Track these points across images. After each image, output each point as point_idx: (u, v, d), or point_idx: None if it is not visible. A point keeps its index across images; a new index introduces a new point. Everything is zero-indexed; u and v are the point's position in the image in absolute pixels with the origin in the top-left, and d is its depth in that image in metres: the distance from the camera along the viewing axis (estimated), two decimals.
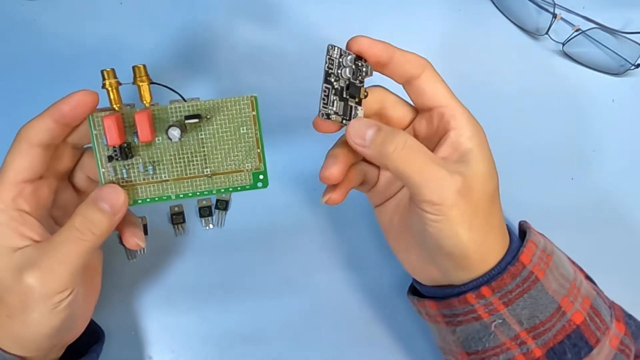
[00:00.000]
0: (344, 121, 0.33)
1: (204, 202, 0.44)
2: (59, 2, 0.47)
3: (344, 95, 0.33)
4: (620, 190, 0.46)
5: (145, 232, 0.44)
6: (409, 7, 0.48)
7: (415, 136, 0.36)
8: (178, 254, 0.44)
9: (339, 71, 0.33)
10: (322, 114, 0.32)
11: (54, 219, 0.36)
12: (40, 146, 0.32)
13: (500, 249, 0.34)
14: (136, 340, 0.42)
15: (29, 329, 0.31)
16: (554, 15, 0.47)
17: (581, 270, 0.37)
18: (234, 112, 0.33)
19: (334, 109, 0.33)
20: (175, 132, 0.31)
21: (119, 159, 0.32)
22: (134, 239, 0.35)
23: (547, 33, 0.48)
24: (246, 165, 0.34)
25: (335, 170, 0.34)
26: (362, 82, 0.34)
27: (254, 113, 0.33)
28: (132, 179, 0.33)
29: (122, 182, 0.33)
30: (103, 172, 0.33)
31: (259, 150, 0.34)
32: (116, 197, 0.32)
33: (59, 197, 0.36)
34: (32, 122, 0.32)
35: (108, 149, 0.33)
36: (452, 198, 0.31)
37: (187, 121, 0.32)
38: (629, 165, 0.47)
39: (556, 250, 0.36)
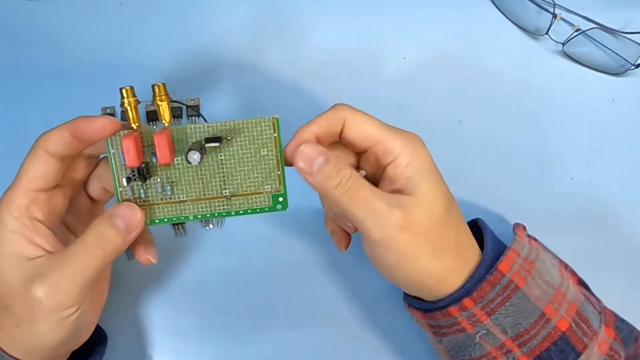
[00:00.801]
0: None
1: None
2: (59, 2, 0.47)
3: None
4: (620, 190, 0.46)
5: None
6: (408, 7, 0.48)
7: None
8: (178, 254, 0.44)
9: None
10: None
11: (67, 226, 0.35)
12: (56, 157, 0.32)
13: (461, 265, 0.34)
14: (136, 340, 0.42)
15: (34, 339, 0.31)
16: (554, 15, 0.47)
17: (573, 274, 0.37)
18: (255, 133, 0.33)
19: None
20: (195, 156, 0.30)
21: (137, 179, 0.32)
22: (146, 256, 0.35)
23: (547, 33, 0.48)
24: (266, 187, 0.34)
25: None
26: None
27: (275, 135, 0.33)
28: (150, 198, 0.33)
29: (140, 202, 0.33)
30: (120, 191, 0.33)
31: (279, 173, 0.33)
32: (132, 216, 0.32)
33: (73, 204, 0.35)
34: (50, 132, 0.31)
35: (126, 170, 0.32)
36: (392, 232, 0.31)
37: (207, 145, 0.31)
38: (629, 165, 0.47)
39: (542, 256, 0.36)
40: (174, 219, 0.33)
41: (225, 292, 0.44)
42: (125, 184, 0.32)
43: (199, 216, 0.33)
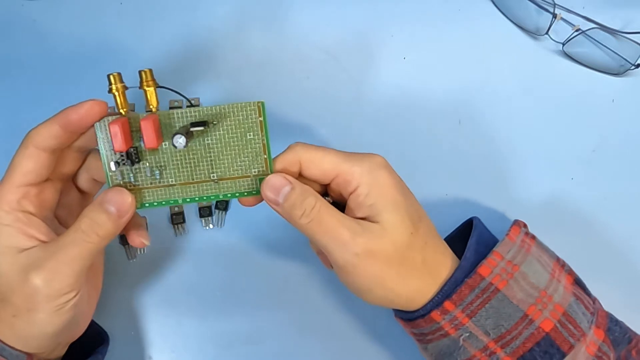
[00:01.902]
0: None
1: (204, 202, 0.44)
2: (59, 2, 0.47)
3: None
4: (620, 190, 0.46)
5: None
6: (408, 7, 0.48)
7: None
8: (178, 254, 0.44)
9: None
10: None
11: (58, 219, 0.36)
12: (46, 151, 0.32)
13: (430, 280, 0.34)
14: (136, 340, 0.42)
15: (34, 328, 0.32)
16: (554, 15, 0.47)
17: (570, 273, 0.37)
18: (241, 117, 0.33)
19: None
20: (180, 140, 0.31)
21: (126, 164, 0.32)
22: (139, 239, 0.35)
23: (547, 33, 0.48)
24: (252, 170, 0.34)
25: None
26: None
27: (261, 119, 0.33)
28: (140, 182, 0.34)
29: (130, 186, 0.33)
30: (110, 176, 0.33)
31: (265, 156, 0.34)
32: (122, 200, 0.32)
33: (63, 198, 0.36)
34: (39, 127, 0.32)
35: (115, 154, 0.33)
36: (356, 261, 0.32)
37: (192, 129, 0.32)
38: (629, 165, 0.47)
39: (533, 257, 0.36)
40: (164, 202, 0.34)
41: (226, 292, 0.44)
42: (113, 168, 0.33)
43: (188, 200, 0.34)
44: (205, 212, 0.44)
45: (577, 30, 0.47)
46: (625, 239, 0.46)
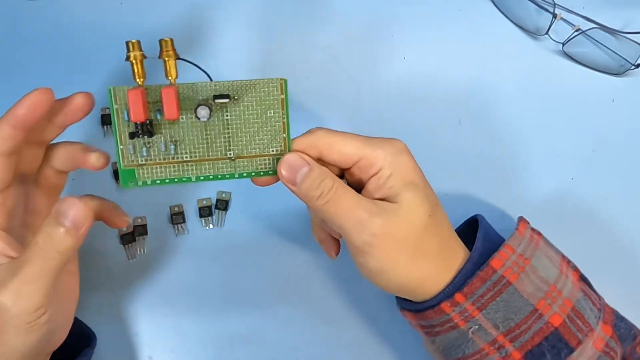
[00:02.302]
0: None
1: (204, 202, 0.44)
2: (59, 2, 0.47)
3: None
4: (620, 190, 0.46)
5: (145, 232, 0.44)
6: (408, 7, 0.48)
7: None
8: (178, 254, 0.44)
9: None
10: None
11: (27, 225, 0.35)
12: (2, 155, 0.31)
13: (442, 267, 0.34)
14: (136, 341, 0.42)
15: (6, 348, 0.30)
16: (554, 15, 0.47)
17: (575, 270, 0.37)
18: (262, 94, 0.32)
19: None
20: (204, 112, 0.30)
21: (141, 135, 0.31)
22: (120, 218, 0.34)
23: (547, 33, 0.48)
24: (271, 149, 0.33)
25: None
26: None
27: (283, 96, 0.33)
28: (152, 158, 0.32)
29: (142, 161, 0.32)
30: (122, 150, 0.32)
31: (284, 135, 0.33)
32: (77, 212, 0.30)
33: (29, 202, 0.34)
34: None
35: (129, 125, 0.31)
36: (372, 240, 0.32)
37: (216, 101, 0.31)
38: (629, 165, 0.47)
39: (541, 252, 0.36)
40: (176, 179, 0.33)
41: (225, 292, 0.44)
42: (128, 139, 0.31)
43: (202, 177, 0.33)
44: (205, 212, 0.44)
45: (577, 30, 0.47)
46: (625, 238, 0.46)
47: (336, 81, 0.47)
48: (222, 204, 0.44)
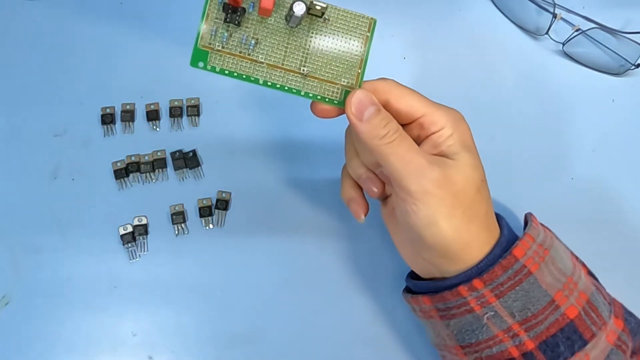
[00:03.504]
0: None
1: (204, 202, 0.44)
2: (59, 2, 0.47)
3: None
4: (620, 190, 0.46)
5: (146, 232, 0.44)
6: (408, 7, 0.48)
7: None
8: (178, 254, 0.44)
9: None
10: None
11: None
12: None
13: (486, 237, 0.34)
14: (136, 341, 0.42)
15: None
16: (554, 15, 0.47)
17: (584, 265, 0.37)
18: (352, 25, 0.33)
19: None
20: (299, 7, 0.30)
21: (229, 21, 0.31)
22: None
23: (547, 33, 0.48)
24: (342, 80, 0.33)
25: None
26: None
27: (369, 34, 0.33)
28: (229, 47, 0.32)
29: (218, 46, 0.32)
30: (203, 29, 0.31)
31: (359, 71, 0.33)
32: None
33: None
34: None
35: (220, 9, 0.31)
36: (430, 186, 0.32)
37: (315, 2, 0.31)
38: (629, 165, 0.47)
39: (557, 244, 0.36)
40: (244, 76, 0.32)
41: (226, 291, 0.44)
42: (216, 19, 0.31)
43: (269, 83, 0.33)
44: (205, 212, 0.44)
45: (577, 30, 0.47)
46: (625, 238, 0.46)
47: None
48: (222, 204, 0.44)
